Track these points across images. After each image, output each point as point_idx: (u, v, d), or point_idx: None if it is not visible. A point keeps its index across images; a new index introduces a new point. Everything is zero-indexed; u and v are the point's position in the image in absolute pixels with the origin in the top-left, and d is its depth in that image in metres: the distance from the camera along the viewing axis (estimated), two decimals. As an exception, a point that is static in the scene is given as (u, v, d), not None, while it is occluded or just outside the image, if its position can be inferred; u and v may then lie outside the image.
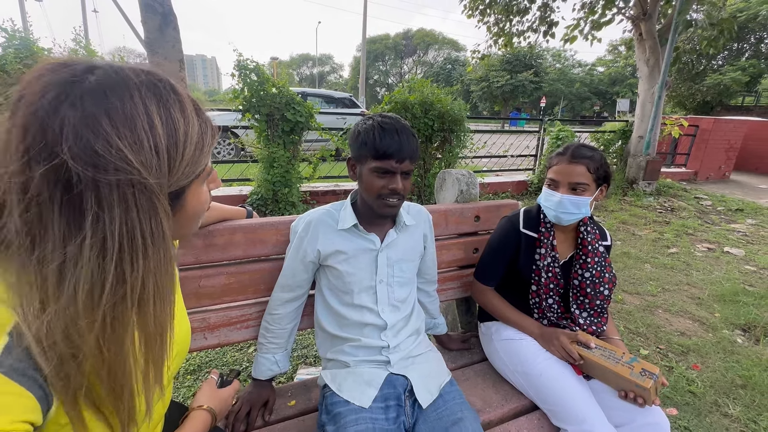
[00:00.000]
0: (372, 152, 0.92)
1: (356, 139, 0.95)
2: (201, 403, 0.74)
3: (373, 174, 0.93)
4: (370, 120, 0.95)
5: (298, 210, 4.03)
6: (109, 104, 0.39)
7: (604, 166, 1.15)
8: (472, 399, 1.11)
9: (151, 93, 0.42)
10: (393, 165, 0.92)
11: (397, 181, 0.93)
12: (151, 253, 0.42)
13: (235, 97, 3.81)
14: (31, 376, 0.39)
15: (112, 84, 0.40)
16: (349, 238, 1.01)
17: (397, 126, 0.93)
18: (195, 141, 0.46)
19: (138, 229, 0.40)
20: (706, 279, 3.11)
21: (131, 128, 0.39)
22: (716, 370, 1.97)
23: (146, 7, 2.14)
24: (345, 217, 1.01)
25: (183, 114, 0.45)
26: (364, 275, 1.01)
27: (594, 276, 1.19)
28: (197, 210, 0.52)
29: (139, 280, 0.41)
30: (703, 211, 5.38)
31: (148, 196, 0.40)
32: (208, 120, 0.50)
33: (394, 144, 0.90)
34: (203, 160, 0.48)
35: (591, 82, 40.46)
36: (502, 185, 5.74)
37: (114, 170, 0.38)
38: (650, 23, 5.79)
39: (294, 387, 1.16)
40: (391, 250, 1.04)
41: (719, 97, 19.60)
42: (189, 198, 0.50)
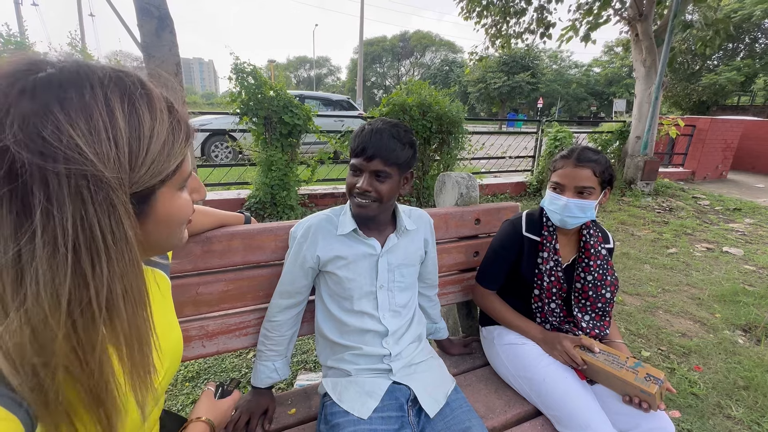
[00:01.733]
0: (351, 149, 0.95)
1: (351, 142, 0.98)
2: (199, 415, 0.72)
3: (349, 171, 0.96)
4: (366, 124, 0.97)
5: (297, 213, 4.01)
6: (63, 93, 0.37)
7: (608, 170, 1.15)
8: (475, 405, 1.09)
9: (115, 85, 0.40)
10: (360, 162, 0.92)
11: (362, 180, 0.92)
12: (114, 255, 0.39)
13: (232, 101, 3.81)
14: (14, 398, 0.38)
15: (70, 75, 0.38)
16: (349, 244, 1.00)
17: (384, 127, 0.92)
18: (163, 138, 0.43)
19: (96, 227, 0.37)
20: (705, 279, 3.11)
21: (87, 117, 0.37)
22: (718, 371, 1.96)
23: (142, 11, 2.12)
24: (344, 222, 0.99)
25: (150, 108, 0.42)
26: (365, 281, 1.00)
27: (596, 279, 1.18)
28: (172, 217, 0.49)
29: (104, 284, 0.38)
30: (701, 210, 5.39)
31: (105, 191, 0.37)
32: (184, 120, 0.48)
33: (365, 142, 0.91)
34: (173, 159, 0.45)
35: (587, 82, 40.64)
36: (500, 186, 5.74)
37: (64, 160, 0.35)
38: (646, 24, 5.82)
39: (294, 394, 1.14)
40: (392, 255, 1.03)
41: (715, 96, 19.73)
42: (160, 202, 0.46)
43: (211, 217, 1.03)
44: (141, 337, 0.44)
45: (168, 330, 0.63)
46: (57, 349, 0.37)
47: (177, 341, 0.65)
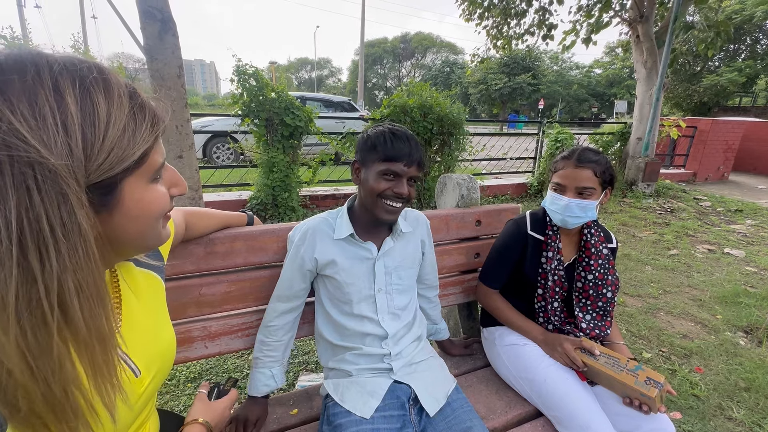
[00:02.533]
0: (382, 155, 0.93)
1: (365, 143, 0.97)
2: (195, 417, 0.71)
3: (380, 177, 0.94)
4: (380, 127, 0.98)
5: (298, 214, 4.02)
6: (4, 78, 0.35)
7: (609, 170, 1.16)
8: (476, 406, 1.10)
9: (67, 71, 0.38)
10: (401, 168, 0.93)
11: (403, 185, 0.94)
12: (65, 249, 0.36)
13: (234, 102, 3.82)
14: None
15: (14, 61, 0.36)
16: (346, 248, 1.00)
17: (408, 134, 0.96)
18: (122, 123, 0.41)
19: (44, 219, 0.34)
20: (707, 280, 3.10)
21: (30, 103, 0.35)
22: (719, 372, 1.96)
23: (145, 14, 2.14)
24: (341, 225, 1.00)
25: (107, 94, 0.40)
26: (363, 285, 1.00)
27: (597, 278, 1.19)
28: (144, 211, 0.46)
29: (54, 280, 0.36)
30: (702, 212, 5.39)
31: (54, 180, 0.35)
32: (148, 107, 0.45)
33: (405, 148, 0.93)
34: (136, 147, 0.42)
35: (588, 84, 40.63)
36: (501, 188, 5.74)
37: (5, 146, 0.33)
38: (647, 25, 5.82)
39: (296, 395, 1.14)
40: (388, 258, 1.03)
41: (716, 98, 19.70)
42: (128, 194, 0.43)
43: (214, 219, 1.03)
44: (102, 338, 0.41)
45: (158, 332, 0.62)
46: (7, 354, 0.35)
47: (169, 344, 0.64)
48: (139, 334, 0.57)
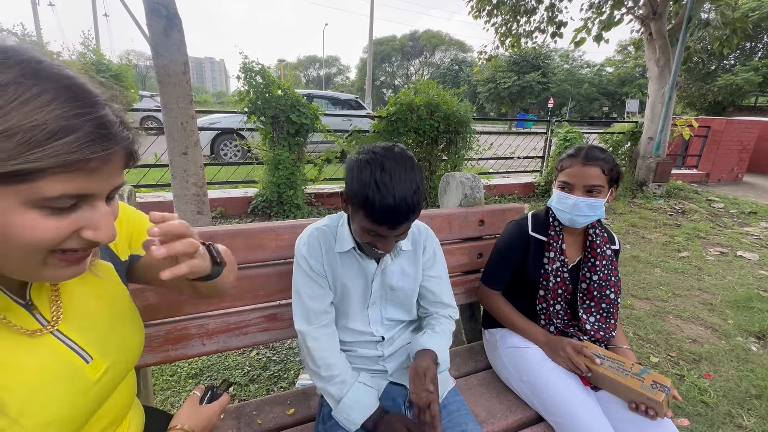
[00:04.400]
0: (365, 211, 0.78)
1: (351, 183, 0.80)
2: (179, 423, 0.69)
3: (363, 229, 0.82)
4: (368, 167, 0.77)
5: (303, 212, 4.02)
6: None
7: (616, 168, 1.14)
8: (475, 409, 1.08)
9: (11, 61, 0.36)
10: (386, 231, 0.80)
11: (388, 243, 0.84)
12: None
13: (240, 100, 3.83)
14: None
15: None
16: (345, 262, 0.95)
17: (397, 184, 0.76)
18: (16, 127, 0.35)
19: None
20: (718, 284, 3.03)
21: None
22: (729, 379, 1.91)
23: (151, 10, 2.14)
24: (342, 237, 0.94)
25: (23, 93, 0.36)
26: (358, 299, 0.97)
27: (601, 279, 1.16)
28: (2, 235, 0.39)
29: None
30: (715, 213, 5.27)
31: None
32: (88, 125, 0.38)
33: (390, 215, 0.77)
34: (25, 161, 0.35)
35: (599, 82, 40.06)
36: (508, 187, 5.69)
37: None
38: (660, 23, 5.70)
39: (293, 395, 1.14)
40: (386, 275, 0.98)
41: (731, 97, 19.30)
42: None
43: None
44: None
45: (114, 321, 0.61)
46: None
47: (129, 334, 0.63)
48: (90, 323, 0.57)
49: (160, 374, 1.73)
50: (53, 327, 0.53)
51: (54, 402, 0.50)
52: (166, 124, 2.40)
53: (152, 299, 0.99)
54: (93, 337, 0.56)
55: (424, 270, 1.03)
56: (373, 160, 0.78)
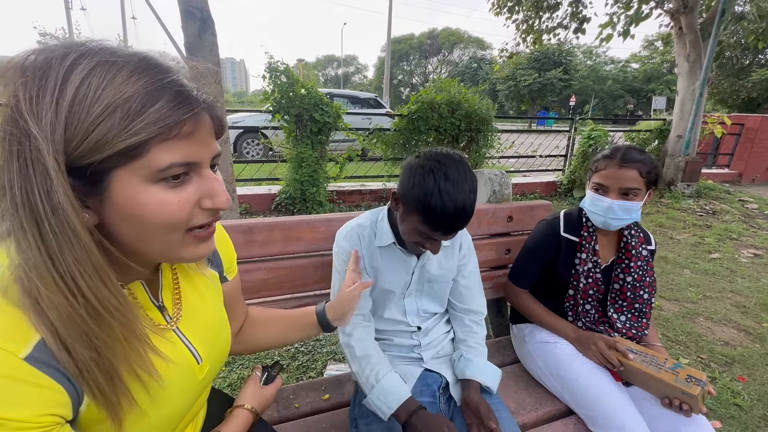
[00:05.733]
0: (422, 217, 0.81)
1: (411, 188, 0.82)
2: (245, 402, 0.73)
3: (416, 232, 0.85)
4: (431, 174, 0.79)
5: (325, 209, 4.09)
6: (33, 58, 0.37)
7: (654, 170, 1.10)
8: (505, 401, 1.09)
9: (92, 53, 0.38)
10: (439, 236, 0.84)
11: (435, 246, 0.87)
12: (55, 224, 0.37)
13: (265, 98, 3.92)
14: (61, 370, 0.40)
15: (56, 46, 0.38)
16: (386, 256, 0.98)
17: (459, 194, 0.79)
18: (111, 104, 0.37)
19: (36, 191, 0.36)
20: (752, 286, 2.93)
21: (41, 79, 0.36)
22: (765, 383, 1.85)
23: (186, 13, 2.24)
24: (382, 231, 0.97)
25: (108, 71, 0.37)
26: (396, 291, 1.00)
27: (635, 280, 1.15)
28: (135, 212, 0.41)
29: (54, 251, 0.37)
30: (748, 214, 5.07)
31: (39, 156, 0.35)
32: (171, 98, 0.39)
33: (449, 223, 0.81)
34: (128, 135, 0.37)
35: (624, 79, 38.86)
36: (530, 186, 5.62)
37: (12, 121, 0.36)
38: (691, 17, 5.50)
39: (328, 381, 1.18)
40: (425, 269, 1.01)
41: (766, 93, 18.40)
42: (116, 188, 0.39)
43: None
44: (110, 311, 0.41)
45: (220, 327, 0.65)
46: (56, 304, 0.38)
47: (227, 338, 0.67)
48: (202, 327, 0.60)
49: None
50: (174, 324, 0.56)
51: (176, 398, 0.54)
52: (199, 123, 2.49)
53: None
54: (203, 340, 0.60)
55: (459, 266, 1.05)
56: (437, 168, 0.80)
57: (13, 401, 0.37)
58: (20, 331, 0.39)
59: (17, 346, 0.38)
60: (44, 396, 0.39)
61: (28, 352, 0.38)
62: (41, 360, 0.39)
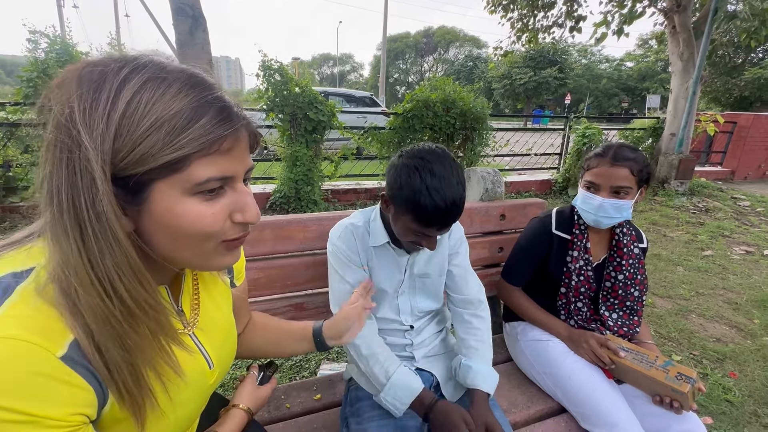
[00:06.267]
0: (413, 215, 0.81)
1: (398, 189, 0.81)
2: (241, 402, 0.73)
3: (409, 231, 0.84)
4: (417, 172, 0.79)
5: (320, 208, 4.08)
6: (89, 69, 0.39)
7: (646, 168, 1.10)
8: (497, 399, 1.10)
9: (144, 68, 0.40)
10: (433, 232, 0.83)
11: (432, 242, 0.86)
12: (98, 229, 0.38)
13: (259, 97, 3.90)
14: (90, 370, 0.41)
15: (111, 59, 0.40)
16: (380, 255, 0.98)
17: (448, 189, 0.78)
18: (159, 120, 0.38)
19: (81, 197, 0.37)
20: (744, 283, 2.95)
21: (95, 91, 0.38)
22: (755, 378, 1.87)
23: (177, 10, 2.21)
24: (376, 231, 0.96)
25: (158, 87, 0.39)
26: (389, 290, 1.00)
27: (627, 278, 1.16)
28: (172, 223, 0.42)
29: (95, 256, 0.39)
30: (740, 212, 5.11)
31: (87, 164, 0.37)
32: (214, 116, 0.41)
33: (441, 219, 0.80)
34: (172, 149, 0.39)
35: (619, 77, 39.08)
36: (525, 184, 5.63)
37: (65, 130, 0.38)
38: (684, 15, 5.53)
39: (319, 381, 1.17)
40: (416, 265, 1.01)
41: (759, 92, 18.61)
42: (156, 200, 0.41)
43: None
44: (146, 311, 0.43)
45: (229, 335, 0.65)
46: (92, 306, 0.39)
47: (234, 345, 0.67)
48: (215, 334, 0.61)
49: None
50: (191, 329, 0.56)
51: (190, 400, 0.55)
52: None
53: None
54: (215, 345, 0.60)
55: (450, 255, 1.04)
56: (421, 165, 0.79)
57: (50, 399, 0.38)
58: (57, 331, 0.39)
59: (55, 345, 0.39)
60: (76, 395, 0.40)
61: (64, 351, 0.39)
62: (75, 359, 0.40)
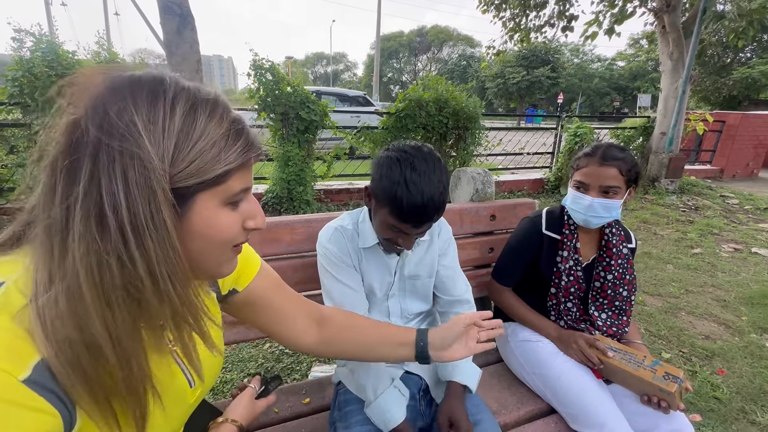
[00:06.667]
0: (390, 208, 0.81)
1: (378, 180, 0.82)
2: (234, 417, 0.71)
3: (386, 224, 0.84)
4: (398, 165, 0.79)
5: (313, 208, 4.06)
6: (138, 87, 0.41)
7: (635, 168, 1.10)
8: (487, 401, 1.09)
9: (186, 91, 0.42)
10: (410, 229, 0.82)
11: (408, 241, 0.86)
12: (156, 239, 0.39)
13: (250, 97, 3.86)
14: (57, 394, 0.39)
15: (152, 77, 0.42)
16: (369, 257, 0.97)
17: (426, 184, 0.78)
18: (213, 139, 0.43)
19: (140, 209, 0.38)
20: (732, 281, 2.99)
21: (149, 108, 0.40)
22: (743, 375, 1.89)
23: (165, 9, 2.18)
24: (365, 232, 0.95)
25: (211, 114, 0.43)
26: (379, 292, 0.99)
27: (615, 278, 1.16)
28: (207, 231, 0.45)
29: (150, 265, 0.39)
30: (729, 210, 5.19)
31: (147, 175, 0.38)
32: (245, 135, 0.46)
33: (417, 214, 0.79)
34: (218, 164, 0.43)
35: (611, 77, 39.44)
36: (517, 183, 5.66)
37: (120, 136, 0.38)
38: (674, 15, 5.59)
39: (309, 385, 1.16)
40: (406, 266, 1.00)
41: (747, 91, 18.89)
42: (198, 208, 0.44)
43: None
44: (194, 309, 0.45)
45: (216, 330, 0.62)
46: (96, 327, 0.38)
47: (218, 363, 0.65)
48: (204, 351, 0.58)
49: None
50: (172, 347, 0.54)
51: (168, 423, 0.54)
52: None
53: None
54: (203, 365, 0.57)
55: (440, 256, 1.04)
56: (404, 158, 0.80)
57: (11, 427, 0.36)
58: (22, 351, 0.38)
59: (18, 367, 0.37)
60: (40, 420, 0.38)
61: (27, 374, 0.38)
62: (39, 382, 0.38)
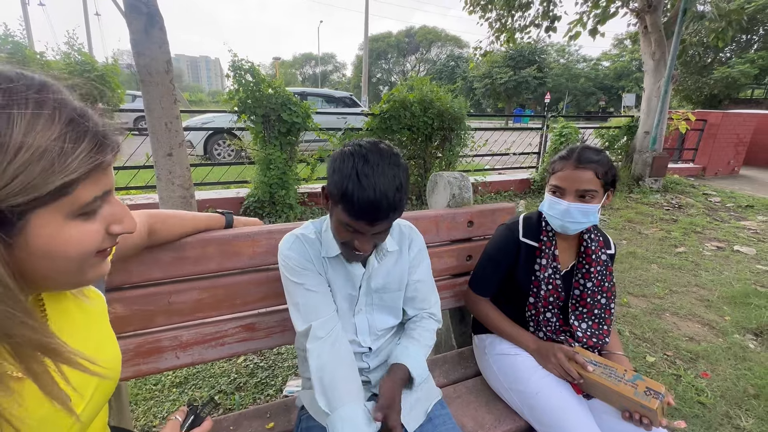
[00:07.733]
0: (343, 205, 0.76)
1: (331, 175, 0.78)
2: None
3: (342, 225, 0.79)
4: (351, 158, 0.75)
5: (296, 212, 3.97)
6: None
7: (611, 170, 1.07)
8: (463, 420, 1.04)
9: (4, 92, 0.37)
10: (364, 227, 0.77)
11: (365, 242, 0.80)
12: None
13: (230, 98, 3.76)
14: None
15: None
16: (335, 267, 0.91)
17: (379, 178, 0.73)
18: (41, 150, 0.36)
19: None
20: (715, 280, 3.00)
21: None
22: (727, 378, 1.87)
23: (131, 7, 2.08)
24: (328, 242, 0.89)
25: (34, 115, 0.37)
26: (345, 307, 0.93)
27: (594, 285, 1.12)
28: (55, 250, 0.41)
29: None
30: (711, 208, 5.25)
31: None
32: (91, 135, 0.40)
33: (369, 209, 0.74)
34: (55, 177, 0.37)
35: (596, 77, 40.00)
36: (504, 184, 5.64)
37: None
38: (655, 16, 5.65)
39: (273, 407, 1.09)
40: (372, 279, 0.94)
41: (727, 90, 19.33)
42: (34, 229, 0.39)
43: (185, 223, 0.97)
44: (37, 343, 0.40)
45: (98, 351, 0.56)
46: None
47: (112, 360, 0.58)
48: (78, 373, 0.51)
49: (143, 383, 1.68)
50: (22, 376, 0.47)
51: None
52: (150, 124, 2.33)
53: (121, 311, 0.94)
54: (75, 378, 0.50)
55: (411, 269, 0.98)
56: (357, 152, 0.76)
57: None
58: None
59: None
60: None
61: None
62: None
